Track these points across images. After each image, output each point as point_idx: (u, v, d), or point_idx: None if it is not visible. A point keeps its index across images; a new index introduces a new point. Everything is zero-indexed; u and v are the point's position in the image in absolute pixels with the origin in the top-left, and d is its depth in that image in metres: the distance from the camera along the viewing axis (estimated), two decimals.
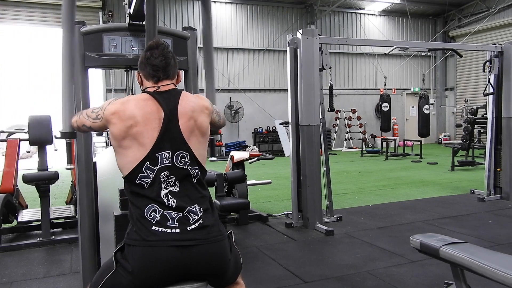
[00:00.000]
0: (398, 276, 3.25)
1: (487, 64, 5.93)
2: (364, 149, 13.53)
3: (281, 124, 12.94)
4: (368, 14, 16.11)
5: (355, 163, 11.27)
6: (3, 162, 4.72)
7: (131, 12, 2.62)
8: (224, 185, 4.59)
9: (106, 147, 10.26)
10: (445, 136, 16.71)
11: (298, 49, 4.78)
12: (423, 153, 11.78)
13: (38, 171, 4.49)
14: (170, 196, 1.63)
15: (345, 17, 15.82)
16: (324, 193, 4.88)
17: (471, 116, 9.81)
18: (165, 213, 1.61)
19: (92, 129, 1.87)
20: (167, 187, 1.64)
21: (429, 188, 7.09)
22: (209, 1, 2.69)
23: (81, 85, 2.51)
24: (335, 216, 4.96)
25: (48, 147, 4.75)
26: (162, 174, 1.64)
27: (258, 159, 5.52)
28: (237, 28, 14.28)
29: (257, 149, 7.67)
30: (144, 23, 2.65)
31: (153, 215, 1.60)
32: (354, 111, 15.70)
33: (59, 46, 2.39)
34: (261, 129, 14.43)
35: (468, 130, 9.40)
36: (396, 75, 16.65)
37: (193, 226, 1.62)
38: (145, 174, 1.63)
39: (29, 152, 12.93)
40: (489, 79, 5.97)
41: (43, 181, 4.29)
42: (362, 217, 5.11)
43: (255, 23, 14.51)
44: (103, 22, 12.29)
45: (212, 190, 3.42)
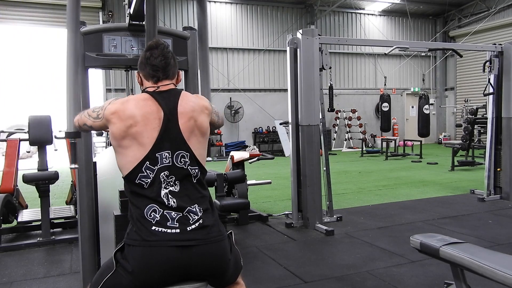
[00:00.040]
0: (398, 276, 3.25)
1: (487, 64, 5.93)
2: (364, 149, 13.53)
3: (281, 124, 12.94)
4: (368, 14, 16.11)
5: (355, 163, 11.26)
6: (3, 162, 4.72)
7: (131, 12, 2.62)
8: (224, 185, 4.59)
9: (106, 147, 10.27)
10: (445, 136, 16.71)
11: (298, 49, 4.78)
12: (423, 153, 11.78)
13: (38, 171, 4.49)
14: (170, 196, 1.63)
15: (345, 17, 15.82)
16: (324, 193, 4.88)
17: (471, 116, 9.81)
18: (165, 213, 1.61)
19: (93, 129, 1.87)
20: (167, 187, 1.64)
21: (429, 188, 7.09)
22: (205, 0, 2.69)
23: (81, 85, 2.51)
24: (335, 216, 4.96)
25: (48, 147, 4.75)
26: (162, 174, 1.64)
27: (258, 159, 5.52)
28: (237, 28, 14.28)
29: (257, 149, 7.66)
30: (144, 23, 2.66)
31: (153, 215, 1.60)
32: (354, 111, 15.70)
33: (59, 46, 2.39)
34: (261, 129, 14.43)
35: (468, 130, 9.40)
36: (396, 75, 16.65)
37: (193, 226, 1.62)
38: (145, 174, 1.63)
39: (29, 152, 12.93)
40: (489, 79, 5.98)
41: (43, 181, 4.29)
42: (362, 217, 5.11)
43: (255, 23, 14.51)
44: (103, 22, 12.28)
45: (212, 190, 3.42)
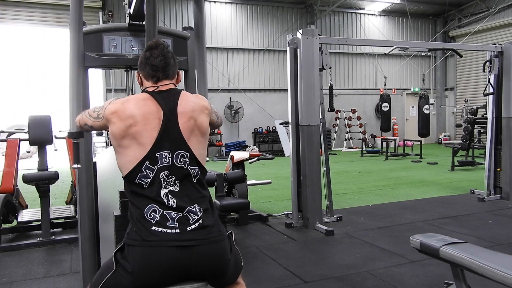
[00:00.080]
0: (398, 276, 3.25)
1: (487, 64, 5.93)
2: (364, 149, 13.52)
3: (281, 124, 12.94)
4: (368, 14, 16.10)
5: (355, 163, 11.26)
6: (3, 162, 4.72)
7: (131, 12, 2.62)
8: (224, 185, 4.59)
9: (106, 147, 10.27)
10: (445, 136, 16.71)
11: (298, 49, 4.78)
12: (423, 153, 11.78)
13: (38, 171, 4.49)
14: (170, 196, 1.63)
15: (345, 17, 15.82)
16: (324, 193, 4.88)
17: (471, 116, 9.81)
18: (164, 213, 1.61)
19: (93, 129, 1.87)
20: (167, 187, 1.64)
21: (429, 188, 7.09)
22: (202, 0, 2.69)
23: (81, 85, 2.51)
24: (335, 216, 4.96)
25: (48, 147, 4.75)
26: (162, 174, 1.64)
27: (258, 159, 5.52)
28: (237, 28, 14.27)
29: (257, 149, 7.66)
30: (144, 23, 2.66)
31: (153, 215, 1.60)
32: (354, 111, 15.70)
33: (59, 46, 2.39)
34: (261, 129, 14.42)
35: (468, 130, 9.39)
36: (396, 75, 16.65)
37: (193, 226, 1.61)
38: (145, 174, 1.63)
39: (29, 152, 12.93)
40: (489, 79, 5.97)
41: (43, 181, 4.30)
42: (362, 217, 5.11)
43: (255, 23, 14.51)
44: (103, 22, 12.28)
45: (212, 190, 3.42)
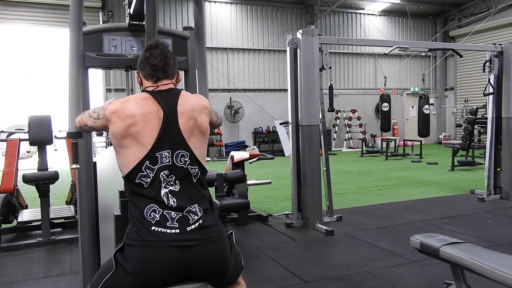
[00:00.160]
0: (398, 276, 3.25)
1: (487, 64, 5.93)
2: (364, 149, 13.52)
3: (281, 124, 12.94)
4: (368, 14, 16.10)
5: (355, 163, 11.26)
6: (3, 162, 4.72)
7: (131, 12, 2.62)
8: (224, 185, 4.59)
9: (106, 147, 10.27)
10: (445, 136, 16.71)
11: (298, 49, 4.78)
12: (423, 153, 11.78)
13: (38, 171, 4.49)
14: (170, 196, 1.63)
15: (345, 17, 15.82)
16: (324, 193, 4.88)
17: (471, 116, 9.81)
18: (164, 213, 1.61)
19: (94, 129, 1.87)
20: (167, 186, 1.64)
21: (429, 188, 7.09)
22: (202, 0, 2.69)
23: (81, 85, 2.51)
24: (335, 216, 4.96)
25: (48, 147, 4.75)
26: (162, 173, 1.64)
27: (258, 159, 5.52)
28: (237, 28, 14.27)
29: (257, 149, 7.66)
30: (144, 23, 2.66)
31: (152, 215, 1.60)
32: (354, 111, 15.70)
33: (59, 46, 2.39)
34: (261, 129, 14.42)
35: (468, 130, 9.39)
36: (396, 75, 16.65)
37: (193, 226, 1.61)
38: (145, 174, 1.63)
39: (29, 152, 12.93)
40: (489, 79, 5.97)
41: (43, 181, 4.29)
42: (362, 217, 5.11)
43: (255, 23, 14.51)
44: (103, 22, 12.28)
45: (212, 190, 3.42)
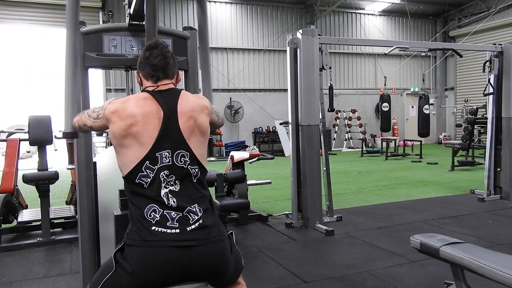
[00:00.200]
0: (398, 276, 3.25)
1: (487, 64, 5.93)
2: (364, 149, 13.52)
3: (281, 124, 12.94)
4: (368, 14, 16.10)
5: (355, 163, 11.26)
6: (3, 162, 4.72)
7: (131, 12, 2.62)
8: (224, 185, 4.59)
9: (106, 147, 10.26)
10: (445, 136, 16.71)
11: (298, 49, 4.78)
12: (423, 153, 11.78)
13: (38, 171, 4.48)
14: (170, 196, 1.63)
15: (345, 17, 15.82)
16: (324, 193, 4.88)
17: (471, 116, 9.81)
18: (164, 213, 1.61)
19: (93, 129, 1.87)
20: (167, 186, 1.64)
21: (429, 188, 7.09)
22: (205, 0, 2.69)
23: (81, 85, 2.51)
24: (335, 216, 4.96)
25: (48, 147, 4.75)
26: (162, 173, 1.64)
27: (258, 159, 5.52)
28: (237, 28, 14.27)
29: (257, 149, 7.66)
30: (144, 23, 2.65)
31: (153, 215, 1.60)
32: (354, 111, 15.70)
33: (60, 46, 2.39)
34: (261, 129, 14.42)
35: (468, 130, 9.39)
36: (396, 75, 16.65)
37: (193, 226, 1.61)
38: (145, 174, 1.63)
39: (29, 152, 12.93)
40: (489, 79, 5.97)
41: (43, 181, 4.29)
42: (362, 217, 5.11)
43: (255, 23, 14.51)
44: (103, 22, 12.29)
45: (212, 190, 3.41)
